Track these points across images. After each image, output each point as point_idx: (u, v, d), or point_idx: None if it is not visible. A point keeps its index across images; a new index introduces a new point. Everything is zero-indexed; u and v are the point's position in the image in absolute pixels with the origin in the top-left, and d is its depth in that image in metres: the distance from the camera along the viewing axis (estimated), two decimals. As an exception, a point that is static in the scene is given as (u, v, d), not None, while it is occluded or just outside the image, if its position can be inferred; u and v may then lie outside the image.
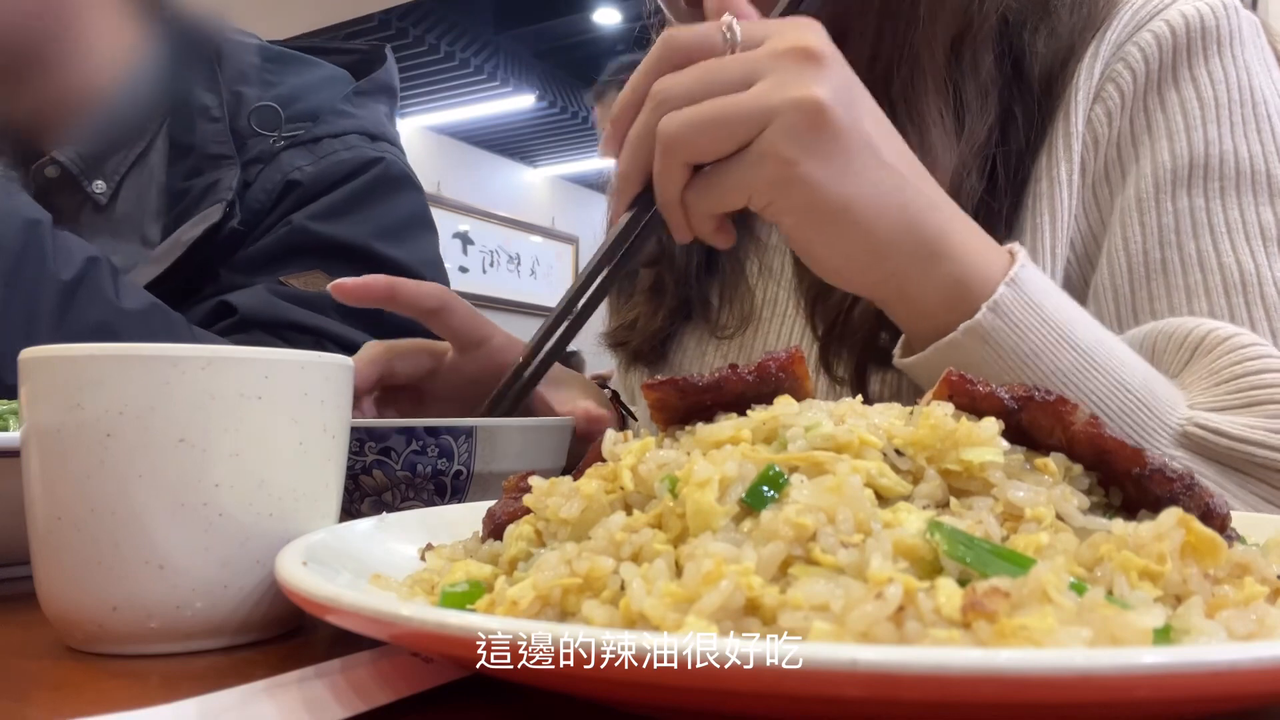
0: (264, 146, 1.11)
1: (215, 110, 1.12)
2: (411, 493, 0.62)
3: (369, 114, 1.20)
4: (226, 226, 1.06)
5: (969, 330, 0.61)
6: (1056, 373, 0.61)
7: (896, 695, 0.24)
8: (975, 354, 0.61)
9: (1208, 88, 0.75)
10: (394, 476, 0.61)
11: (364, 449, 0.61)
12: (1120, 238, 0.75)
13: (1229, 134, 0.74)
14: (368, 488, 0.61)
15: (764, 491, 0.36)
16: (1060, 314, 0.62)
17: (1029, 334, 0.61)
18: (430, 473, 0.62)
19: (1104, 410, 0.61)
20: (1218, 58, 0.76)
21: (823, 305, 0.81)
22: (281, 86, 1.17)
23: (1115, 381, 0.61)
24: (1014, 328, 0.61)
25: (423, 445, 0.62)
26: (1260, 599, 0.33)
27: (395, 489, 0.62)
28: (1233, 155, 0.74)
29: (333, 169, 1.11)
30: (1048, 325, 0.61)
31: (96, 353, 0.44)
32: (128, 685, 0.41)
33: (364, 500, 0.62)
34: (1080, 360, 0.61)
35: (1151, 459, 0.39)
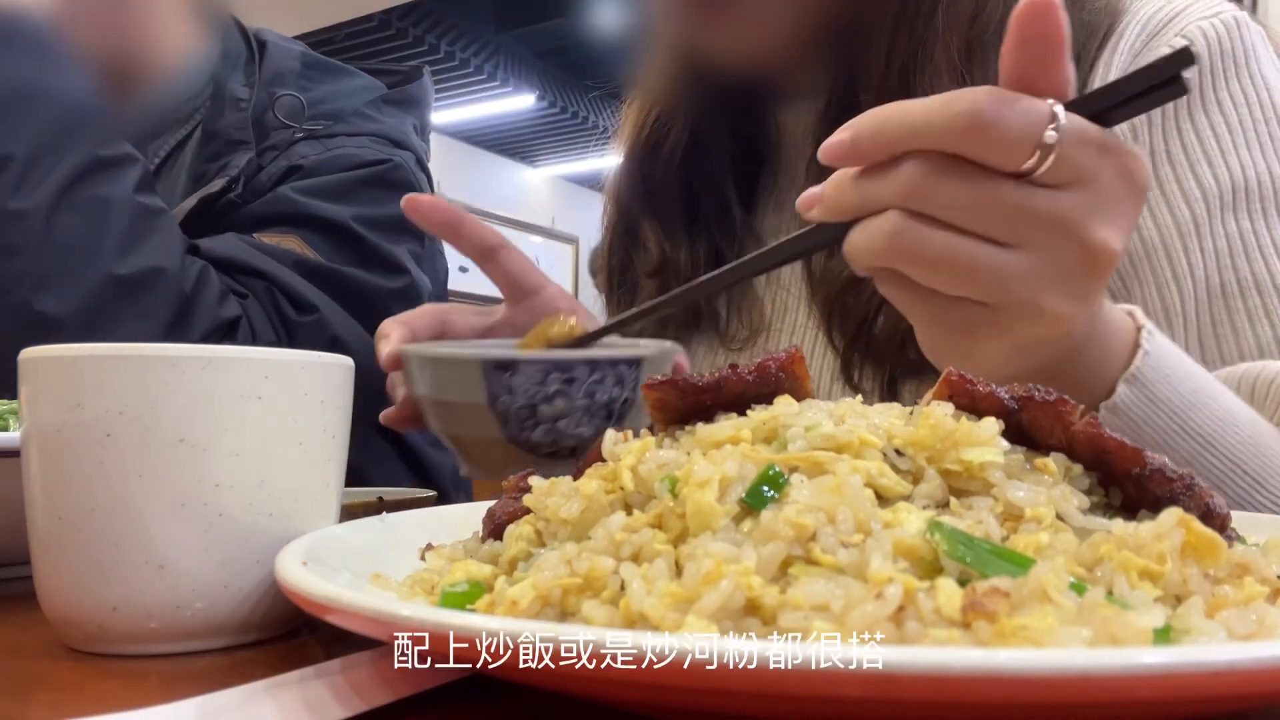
0: (283, 136, 1.13)
1: (245, 102, 1.15)
2: (585, 419, 0.64)
3: (394, 123, 1.21)
4: (223, 199, 1.08)
5: None
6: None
7: (896, 695, 0.24)
8: None
9: (1237, 110, 0.75)
10: (573, 404, 0.64)
11: (547, 379, 0.62)
12: (1185, 263, 0.74)
13: (1261, 155, 0.75)
14: (545, 416, 0.63)
15: (764, 491, 0.36)
16: (1181, 401, 0.58)
17: (1146, 429, 0.57)
18: (605, 400, 0.65)
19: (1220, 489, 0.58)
20: (1238, 79, 0.76)
21: (840, 318, 0.80)
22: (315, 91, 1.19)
23: (1231, 465, 0.60)
24: (1132, 424, 0.57)
25: (602, 375, 0.64)
26: (1260, 599, 0.33)
27: (571, 416, 0.64)
28: (1269, 176, 0.74)
29: (338, 159, 1.13)
30: (1168, 416, 0.58)
31: (96, 353, 0.44)
32: (128, 685, 0.41)
33: (537, 427, 0.63)
34: (1197, 448, 0.59)
35: (1151, 459, 0.39)
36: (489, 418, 0.63)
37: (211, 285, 0.99)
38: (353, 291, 1.07)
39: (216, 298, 0.98)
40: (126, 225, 0.94)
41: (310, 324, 1.03)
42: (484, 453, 0.67)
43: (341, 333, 1.05)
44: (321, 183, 1.10)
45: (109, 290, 0.92)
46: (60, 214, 0.91)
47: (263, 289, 1.02)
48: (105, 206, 0.94)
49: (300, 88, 1.18)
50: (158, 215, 0.98)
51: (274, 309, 1.02)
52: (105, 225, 0.93)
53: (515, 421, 0.63)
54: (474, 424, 0.65)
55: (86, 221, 0.92)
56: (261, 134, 1.14)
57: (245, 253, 1.03)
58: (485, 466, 0.69)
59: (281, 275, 1.03)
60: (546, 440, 0.63)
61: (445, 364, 0.65)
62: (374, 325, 1.07)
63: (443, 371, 0.65)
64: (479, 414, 0.64)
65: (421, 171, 1.21)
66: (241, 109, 1.15)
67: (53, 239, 0.91)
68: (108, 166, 0.96)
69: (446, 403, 0.66)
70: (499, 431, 0.64)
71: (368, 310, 1.07)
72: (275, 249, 1.04)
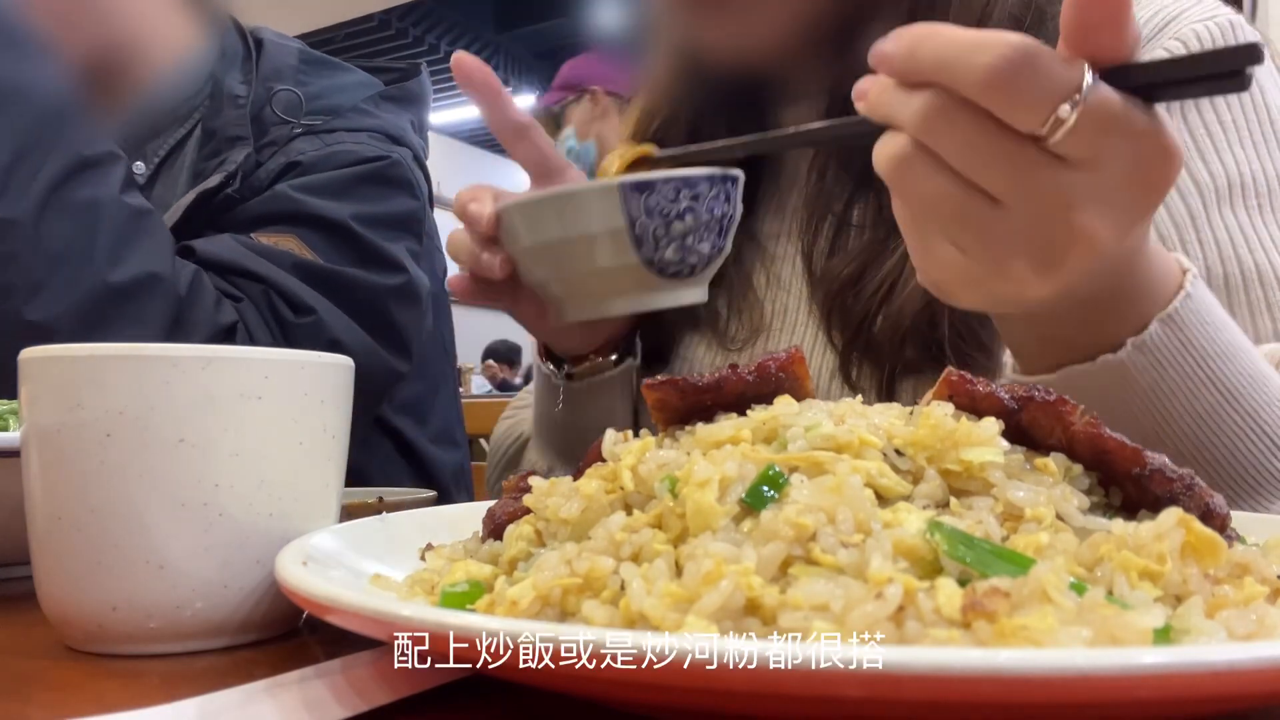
0: (281, 132, 1.13)
1: (243, 99, 1.15)
2: (705, 234, 0.68)
3: (392, 119, 1.21)
4: (221, 195, 1.07)
5: (1108, 365, 0.56)
6: (1192, 413, 0.57)
7: (896, 695, 0.24)
8: (1108, 388, 0.56)
9: (1230, 109, 0.76)
10: (699, 220, 0.68)
11: (678, 196, 0.67)
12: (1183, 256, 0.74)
13: (1254, 154, 0.75)
14: (676, 233, 0.67)
15: (764, 491, 0.36)
16: (1215, 349, 0.57)
17: (1171, 372, 0.56)
18: (719, 215, 0.69)
19: (1233, 452, 0.58)
20: None
21: (840, 317, 0.80)
22: (312, 86, 1.19)
23: (1254, 423, 0.58)
24: (1158, 366, 0.56)
25: (717, 191, 0.68)
26: (1260, 599, 0.33)
27: (696, 232, 0.68)
28: (1263, 174, 0.74)
29: (336, 155, 1.12)
30: (1196, 362, 0.56)
31: (96, 353, 0.44)
32: (128, 685, 0.41)
33: (669, 245, 0.67)
34: (1221, 400, 0.57)
35: (1151, 459, 0.39)
36: (624, 242, 0.66)
37: (206, 290, 0.97)
38: (351, 291, 1.06)
39: (212, 303, 0.97)
40: (117, 229, 0.92)
41: (308, 326, 1.02)
42: (599, 284, 0.69)
43: (340, 334, 1.04)
44: (319, 180, 1.10)
45: (103, 298, 0.90)
46: (48, 220, 0.89)
47: (259, 292, 1.01)
48: (94, 210, 0.92)
49: (298, 83, 1.18)
50: (146, 216, 0.96)
51: (270, 311, 1.01)
52: (96, 230, 0.91)
53: (651, 242, 0.67)
54: (602, 254, 0.67)
55: (76, 226, 0.90)
56: (260, 130, 1.14)
57: (241, 255, 1.02)
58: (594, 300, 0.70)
59: (278, 278, 1.02)
60: (675, 259, 0.67)
61: (579, 197, 0.67)
62: (373, 325, 1.08)
63: (575, 205, 0.67)
64: (613, 240, 0.67)
65: (419, 168, 1.21)
66: (240, 106, 1.14)
67: (43, 246, 0.88)
68: (93, 166, 0.93)
69: (573, 239, 0.67)
70: (633, 255, 0.67)
71: (366, 310, 1.07)
72: (272, 251, 1.04)
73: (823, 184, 0.84)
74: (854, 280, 0.79)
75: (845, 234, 0.82)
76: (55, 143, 0.91)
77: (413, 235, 1.16)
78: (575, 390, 0.85)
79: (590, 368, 0.84)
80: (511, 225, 0.70)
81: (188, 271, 0.96)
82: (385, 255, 1.10)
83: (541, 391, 0.89)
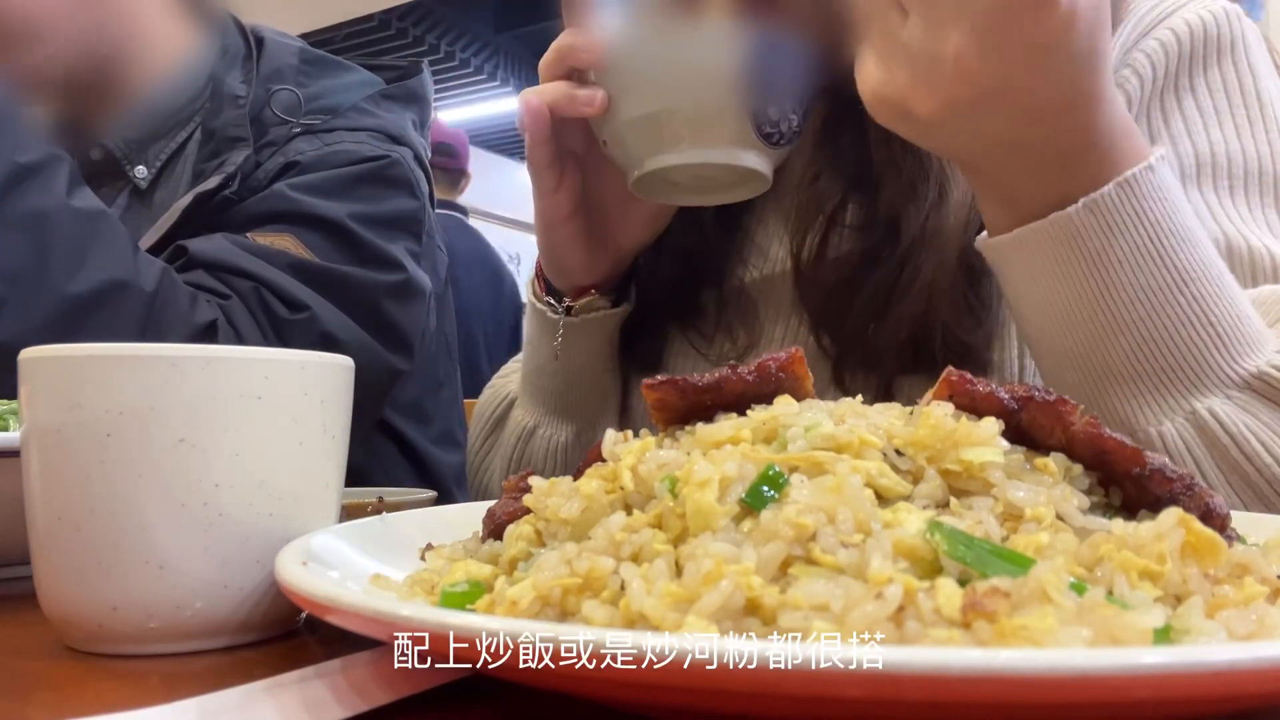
0: (281, 132, 1.13)
1: (243, 99, 1.14)
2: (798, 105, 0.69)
3: (393, 118, 1.20)
4: (219, 195, 1.07)
5: (1057, 222, 0.57)
6: (1134, 285, 0.57)
7: (896, 695, 0.24)
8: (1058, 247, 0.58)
9: (1213, 95, 0.76)
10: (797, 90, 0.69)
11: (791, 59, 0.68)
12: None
13: (1234, 136, 0.75)
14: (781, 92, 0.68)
15: (764, 491, 0.36)
16: (1170, 226, 0.57)
17: (1121, 240, 0.57)
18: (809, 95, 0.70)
19: (1172, 336, 0.58)
20: (1219, 66, 0.76)
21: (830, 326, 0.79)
22: (312, 86, 1.18)
23: (1200, 311, 0.58)
24: (1108, 230, 0.56)
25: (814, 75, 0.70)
26: (1260, 599, 0.33)
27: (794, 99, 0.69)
28: (1240, 155, 0.74)
29: (335, 155, 1.12)
30: (1148, 236, 0.57)
31: (96, 353, 0.44)
32: (128, 685, 0.41)
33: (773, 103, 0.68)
34: (1169, 280, 0.57)
35: (1151, 459, 0.39)
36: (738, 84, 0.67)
37: (178, 289, 0.95)
38: (345, 288, 1.06)
39: (187, 301, 0.95)
40: (69, 238, 0.89)
41: (301, 321, 1.01)
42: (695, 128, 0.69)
43: (334, 330, 1.03)
44: (318, 179, 1.09)
45: (66, 311, 0.87)
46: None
47: (249, 289, 1.00)
48: (42, 221, 0.88)
49: (298, 83, 1.17)
50: (99, 219, 0.92)
51: (261, 308, 1.00)
52: (47, 242, 0.88)
53: (760, 92, 0.67)
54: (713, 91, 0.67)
55: (25, 241, 0.87)
56: (260, 131, 1.13)
57: (233, 253, 1.01)
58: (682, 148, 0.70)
59: (270, 275, 1.01)
60: (775, 117, 0.68)
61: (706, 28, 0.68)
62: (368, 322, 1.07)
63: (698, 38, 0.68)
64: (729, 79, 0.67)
65: (420, 167, 1.20)
66: (240, 106, 1.14)
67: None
68: (33, 174, 0.90)
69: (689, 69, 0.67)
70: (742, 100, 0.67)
71: (361, 306, 1.07)
72: (267, 250, 1.03)
73: (816, 187, 0.84)
74: (843, 288, 0.78)
75: (836, 236, 0.81)
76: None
77: (412, 235, 1.16)
78: (572, 327, 0.85)
79: (589, 303, 0.84)
80: (622, 55, 0.70)
81: (154, 270, 0.94)
82: (383, 254, 1.10)
83: (535, 334, 0.89)
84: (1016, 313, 0.65)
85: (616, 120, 0.72)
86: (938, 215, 0.73)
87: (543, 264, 0.86)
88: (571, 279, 0.85)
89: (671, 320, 0.91)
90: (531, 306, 0.89)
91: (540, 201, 0.80)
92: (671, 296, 0.91)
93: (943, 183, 0.74)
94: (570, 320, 0.84)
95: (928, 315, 0.73)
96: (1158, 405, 0.59)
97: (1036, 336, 0.64)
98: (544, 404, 0.92)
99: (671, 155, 0.70)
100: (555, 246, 0.83)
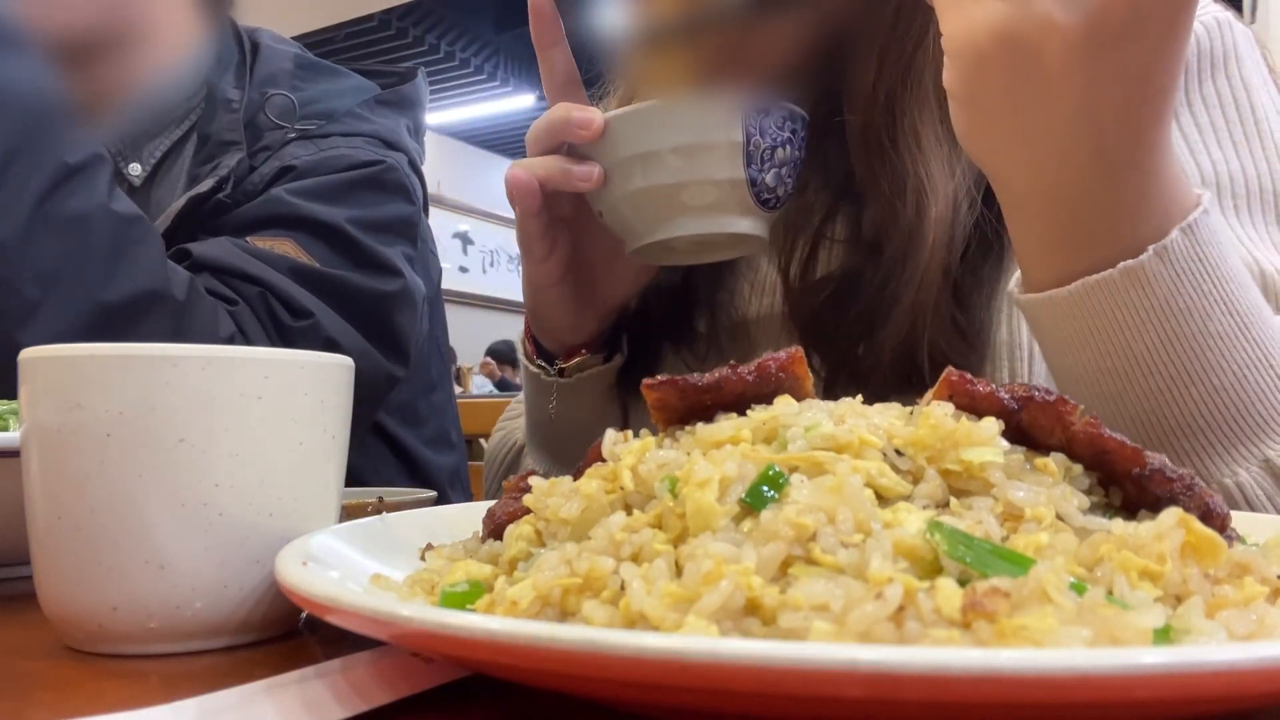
0: (275, 137, 1.12)
1: (236, 104, 1.14)
2: (792, 169, 0.71)
3: (388, 124, 1.20)
4: (213, 199, 1.07)
5: (1127, 272, 0.55)
6: (1204, 334, 0.56)
7: (896, 695, 0.24)
8: (1124, 298, 0.56)
9: (1209, 110, 0.75)
10: (792, 154, 0.71)
11: (785, 124, 0.70)
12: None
13: (1234, 154, 0.74)
14: (778, 159, 0.70)
15: (764, 491, 0.36)
16: (1227, 271, 0.56)
17: (1189, 287, 0.55)
18: (800, 156, 0.72)
19: (1241, 383, 0.57)
20: (1212, 80, 0.76)
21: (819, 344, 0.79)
22: (307, 91, 1.18)
23: (1263, 355, 0.57)
24: (1176, 278, 0.55)
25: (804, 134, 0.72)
26: (1260, 599, 0.33)
27: (789, 165, 0.71)
28: (1240, 174, 0.73)
29: (331, 160, 1.12)
30: (1212, 282, 0.56)
31: (96, 353, 0.44)
32: (128, 685, 0.41)
33: (771, 170, 0.70)
34: (1234, 326, 0.56)
35: (1151, 459, 0.39)
36: (737, 156, 0.68)
37: (203, 300, 0.95)
38: (349, 295, 1.06)
39: (211, 314, 0.95)
40: (108, 243, 0.89)
41: (305, 329, 1.01)
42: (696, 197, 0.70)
43: (337, 337, 1.04)
44: (314, 184, 1.09)
45: (99, 320, 0.87)
46: (37, 238, 0.85)
47: (256, 295, 1.00)
48: (83, 224, 0.88)
49: (293, 88, 1.17)
50: (136, 224, 0.92)
51: (268, 314, 1.00)
52: (86, 246, 0.88)
53: (759, 161, 0.69)
54: (715, 165, 0.68)
55: (66, 244, 0.87)
56: (255, 136, 1.13)
57: (238, 258, 1.01)
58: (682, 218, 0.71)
59: (275, 280, 1.01)
60: (773, 184, 0.70)
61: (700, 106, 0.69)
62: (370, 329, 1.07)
63: (697, 113, 0.68)
64: (729, 152, 0.68)
65: (414, 173, 1.20)
66: (233, 110, 1.14)
67: (32, 267, 0.85)
68: (78, 174, 0.89)
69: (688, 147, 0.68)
70: (742, 171, 0.68)
71: (363, 314, 1.07)
72: (269, 254, 1.03)
73: (803, 198, 0.83)
74: (829, 308, 0.78)
75: (825, 251, 0.81)
76: (40, 152, 0.88)
77: (408, 240, 1.16)
78: (566, 388, 0.84)
79: (580, 363, 0.84)
80: (620, 132, 0.70)
81: (183, 279, 0.94)
82: (381, 259, 1.10)
83: (532, 394, 0.89)
84: (1061, 367, 0.62)
85: (614, 195, 0.72)
86: (915, 236, 0.72)
87: (531, 325, 0.86)
88: (561, 338, 0.85)
89: (666, 342, 0.91)
90: (525, 368, 0.89)
91: (530, 269, 0.80)
92: (665, 320, 0.90)
93: (920, 202, 0.72)
94: (564, 382, 0.84)
95: (914, 336, 0.73)
96: (1229, 455, 0.58)
97: (1089, 392, 0.60)
98: (551, 454, 0.92)
99: (672, 227, 0.71)
100: (544, 309, 0.83)
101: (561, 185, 0.72)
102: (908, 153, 0.73)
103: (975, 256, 0.74)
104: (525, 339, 0.88)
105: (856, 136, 0.77)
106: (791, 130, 0.70)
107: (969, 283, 0.74)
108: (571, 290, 0.80)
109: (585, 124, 0.70)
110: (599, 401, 0.86)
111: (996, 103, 0.55)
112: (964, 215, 0.73)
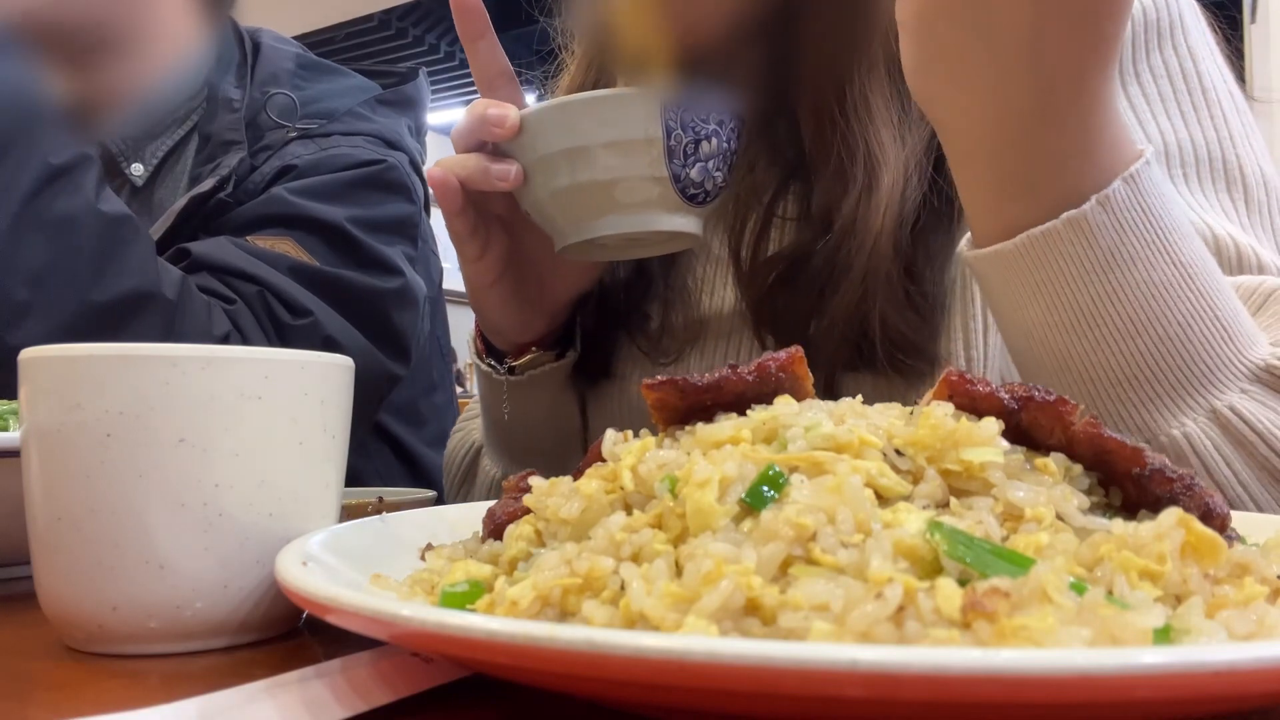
0: (277, 136, 1.12)
1: (237, 103, 1.14)
2: (721, 162, 0.70)
3: (388, 123, 1.20)
4: (214, 198, 1.07)
5: (1071, 222, 0.55)
6: (1148, 284, 0.56)
7: (896, 695, 0.24)
8: (1069, 249, 0.56)
9: (1156, 81, 0.75)
10: (720, 147, 0.69)
11: (709, 117, 0.68)
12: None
13: (1182, 124, 0.74)
14: (703, 153, 0.68)
15: (764, 491, 0.36)
16: (1170, 222, 0.57)
17: (1132, 237, 0.56)
18: (732, 149, 0.71)
19: (1186, 332, 0.57)
20: (1159, 51, 0.76)
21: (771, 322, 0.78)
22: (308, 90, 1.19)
23: (1207, 305, 0.57)
24: (1119, 228, 0.55)
25: (734, 126, 0.70)
26: (1260, 599, 0.33)
27: (716, 158, 0.69)
28: (1189, 143, 0.73)
29: (331, 159, 1.12)
30: (1155, 232, 0.56)
31: (96, 353, 0.44)
32: (128, 685, 0.41)
33: (696, 165, 0.68)
34: (1178, 276, 0.56)
35: (1151, 459, 0.39)
36: (658, 152, 0.67)
37: (195, 299, 0.95)
38: (349, 294, 1.06)
39: (204, 312, 0.95)
40: (96, 243, 0.89)
41: (304, 327, 1.01)
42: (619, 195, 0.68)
43: (336, 336, 1.04)
44: (315, 183, 1.09)
45: (89, 319, 0.87)
46: (23, 239, 0.85)
47: (254, 293, 1.00)
48: (70, 225, 0.87)
49: (294, 87, 1.18)
50: (124, 224, 0.92)
51: (266, 313, 1.00)
52: (74, 246, 0.87)
53: (681, 157, 0.67)
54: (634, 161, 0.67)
55: (53, 244, 0.87)
56: (256, 135, 1.13)
57: (237, 256, 1.01)
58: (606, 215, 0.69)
59: (274, 279, 1.01)
60: (698, 179, 0.68)
61: (620, 101, 0.67)
62: (370, 328, 1.07)
63: (614, 109, 0.67)
64: (648, 149, 0.67)
65: (415, 173, 1.20)
66: (234, 110, 1.14)
67: (19, 268, 0.85)
68: (65, 174, 0.89)
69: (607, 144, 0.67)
70: (664, 167, 0.67)
71: (364, 313, 1.07)
72: (269, 253, 1.03)
73: (752, 176, 0.82)
74: (779, 284, 0.77)
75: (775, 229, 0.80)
76: (26, 154, 0.87)
77: (408, 239, 1.16)
78: (518, 386, 0.83)
79: (531, 360, 0.83)
80: (538, 129, 0.69)
81: (174, 278, 0.94)
82: (382, 259, 1.10)
83: (485, 393, 0.88)
84: (1011, 324, 0.63)
85: (535, 193, 0.71)
86: (867, 205, 0.72)
87: (479, 324, 0.85)
88: (508, 338, 0.84)
89: (619, 328, 0.89)
90: (475, 367, 0.87)
91: (465, 269, 0.79)
92: (618, 309, 0.89)
93: (871, 170, 0.72)
94: (516, 380, 0.83)
95: (864, 309, 0.72)
96: (1176, 406, 0.58)
97: (1038, 348, 0.61)
98: (507, 453, 0.91)
99: (596, 225, 0.70)
100: (486, 310, 0.81)
101: (481, 185, 0.71)
102: (856, 121, 0.72)
103: (926, 229, 0.74)
104: (475, 337, 0.87)
105: (806, 106, 0.76)
106: (718, 122, 0.68)
107: (920, 255, 0.74)
108: (512, 289, 0.79)
109: (499, 121, 0.69)
110: (554, 398, 0.85)
111: (945, 30, 0.55)
112: (914, 186, 0.73)
